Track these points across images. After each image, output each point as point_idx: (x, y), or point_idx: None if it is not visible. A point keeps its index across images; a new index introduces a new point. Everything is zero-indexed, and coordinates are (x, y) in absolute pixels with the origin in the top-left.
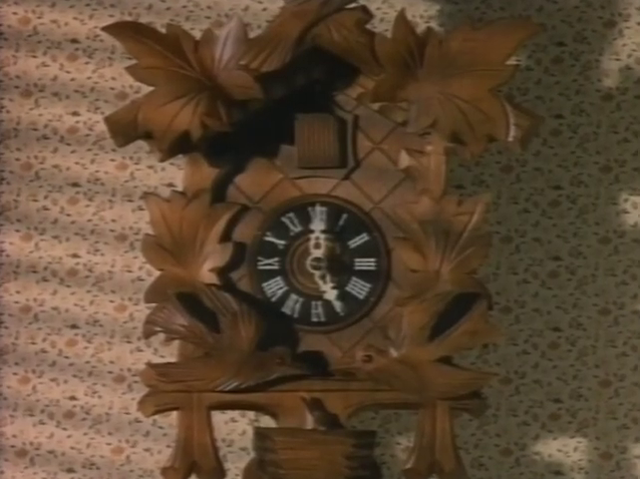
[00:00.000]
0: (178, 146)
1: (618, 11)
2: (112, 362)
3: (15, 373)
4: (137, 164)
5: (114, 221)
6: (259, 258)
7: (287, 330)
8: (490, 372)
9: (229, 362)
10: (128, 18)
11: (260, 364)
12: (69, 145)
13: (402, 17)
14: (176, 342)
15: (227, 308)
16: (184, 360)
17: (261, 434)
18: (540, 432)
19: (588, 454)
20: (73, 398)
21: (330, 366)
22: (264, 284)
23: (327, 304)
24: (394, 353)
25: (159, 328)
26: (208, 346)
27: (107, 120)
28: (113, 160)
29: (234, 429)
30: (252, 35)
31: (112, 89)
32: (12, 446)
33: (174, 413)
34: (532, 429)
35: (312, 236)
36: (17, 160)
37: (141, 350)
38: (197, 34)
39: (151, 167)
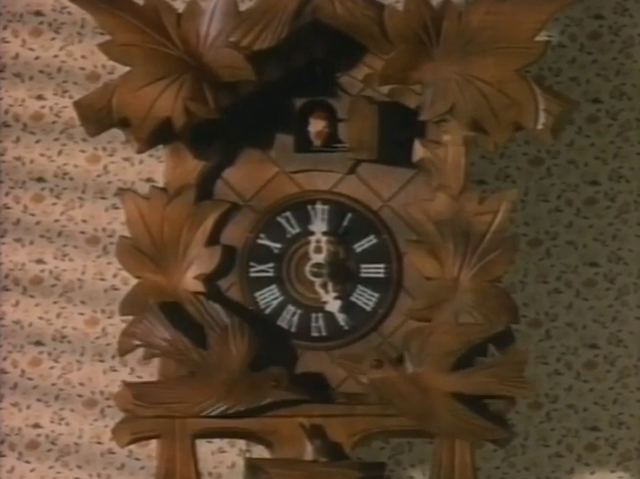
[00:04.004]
0: (159, 135)
1: None
2: (82, 384)
3: None
4: (111, 155)
5: (84, 221)
6: (251, 264)
7: (283, 347)
8: (511, 430)
9: (217, 383)
10: None
11: (252, 386)
12: (33, 134)
13: None
14: (156, 361)
15: (217, 321)
16: (165, 380)
17: (253, 466)
18: (576, 465)
19: None
20: (37, 426)
21: (332, 388)
22: (257, 294)
23: (329, 317)
24: (409, 368)
25: (137, 342)
26: (193, 364)
27: (76, 105)
28: (83, 151)
29: (222, 461)
30: (243, 8)
31: (82, 69)
32: None
33: (154, 442)
34: (566, 462)
35: (312, 238)
36: None
37: (115, 370)
38: (180, 6)
39: (127, 159)
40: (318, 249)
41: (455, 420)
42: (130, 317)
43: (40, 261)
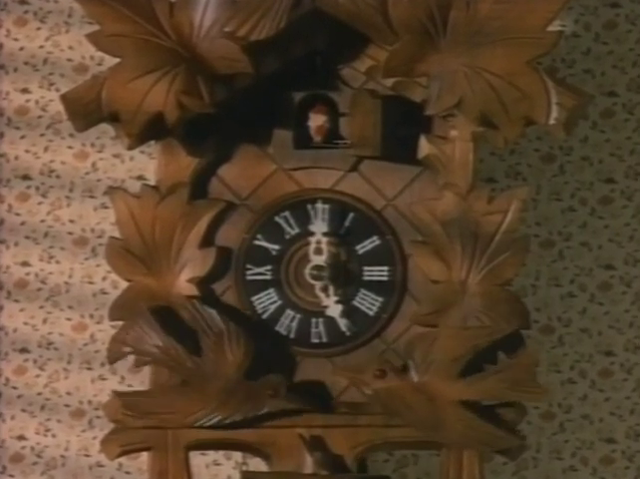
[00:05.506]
0: (150, 130)
1: None
2: (69, 394)
3: None
4: (100, 152)
5: (72, 221)
6: (248, 267)
7: (281, 353)
8: (523, 441)
9: (212, 392)
10: None
11: (249, 395)
12: (18, 129)
13: None
14: (147, 369)
15: (211, 327)
16: (157, 389)
17: None
18: None
19: None
20: (22, 438)
21: (333, 397)
22: (254, 298)
23: (330, 322)
24: (414, 377)
25: (128, 349)
26: (187, 372)
27: (63, 98)
28: (71, 147)
29: (218, 474)
30: None
31: (69, 60)
32: None
33: (145, 455)
34: (581, 475)
35: (312, 239)
36: None
37: (104, 379)
38: None
39: (117, 156)
40: (318, 251)
41: (465, 430)
42: (119, 323)
43: (25, 264)
